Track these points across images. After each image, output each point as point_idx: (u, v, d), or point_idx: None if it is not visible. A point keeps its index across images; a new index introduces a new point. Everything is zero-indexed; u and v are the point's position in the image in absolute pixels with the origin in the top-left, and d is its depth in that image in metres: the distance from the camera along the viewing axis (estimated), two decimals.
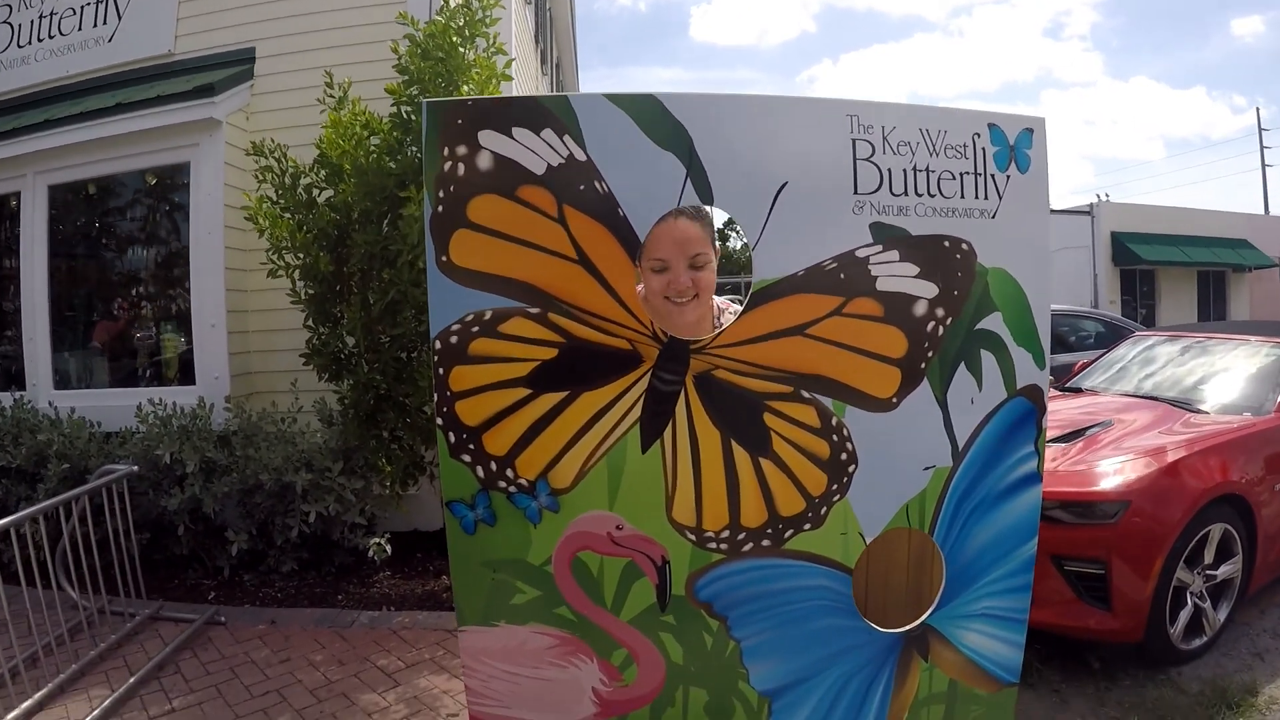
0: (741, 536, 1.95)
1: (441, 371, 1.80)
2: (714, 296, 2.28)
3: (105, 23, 5.72)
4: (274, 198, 4.09)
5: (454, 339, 1.79)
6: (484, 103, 1.84)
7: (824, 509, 1.99)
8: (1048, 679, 3.52)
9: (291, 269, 4.04)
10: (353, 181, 3.83)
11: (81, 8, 5.77)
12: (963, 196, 2.10)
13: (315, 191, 4.10)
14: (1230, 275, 21.76)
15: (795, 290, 1.92)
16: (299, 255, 3.98)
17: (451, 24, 3.95)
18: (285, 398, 4.75)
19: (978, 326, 2.11)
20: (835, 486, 1.99)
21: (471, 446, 1.83)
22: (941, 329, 2.05)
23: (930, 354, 2.05)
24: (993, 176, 2.13)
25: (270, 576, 4.50)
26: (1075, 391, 5.25)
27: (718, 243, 2.24)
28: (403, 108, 3.92)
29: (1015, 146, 2.17)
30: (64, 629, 3.58)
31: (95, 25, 5.74)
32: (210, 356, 4.90)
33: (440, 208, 1.78)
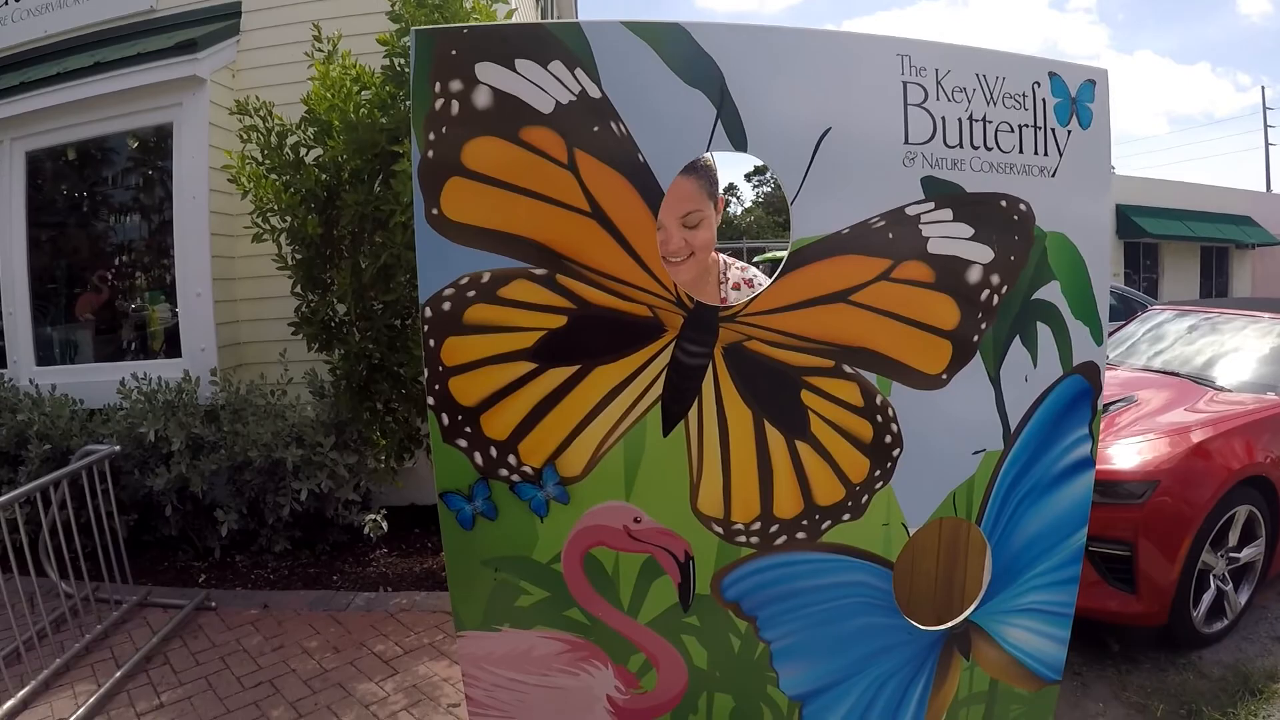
0: (774, 529, 1.69)
1: (432, 343, 1.51)
2: (722, 256, 2.07)
3: None
4: (259, 158, 3.76)
5: (447, 305, 1.50)
6: (482, 30, 1.54)
7: (865, 498, 1.73)
8: (1069, 662, 3.31)
9: (277, 232, 3.72)
10: (342, 138, 3.51)
11: None
12: (1021, 151, 1.82)
13: (303, 150, 3.77)
14: (1233, 252, 21.40)
15: (838, 250, 1.64)
16: (285, 218, 3.67)
17: None
18: (275, 369, 4.46)
19: (1034, 297, 1.85)
20: (878, 473, 1.73)
21: (468, 430, 1.55)
22: (997, 298, 1.79)
23: (984, 326, 1.78)
24: (1053, 131, 1.86)
25: (263, 557, 4.24)
26: None
27: (721, 196, 1.98)
28: (395, 59, 3.59)
29: (1077, 99, 1.89)
30: (45, 621, 3.32)
31: None
32: (196, 327, 4.59)
33: (430, 153, 1.49)
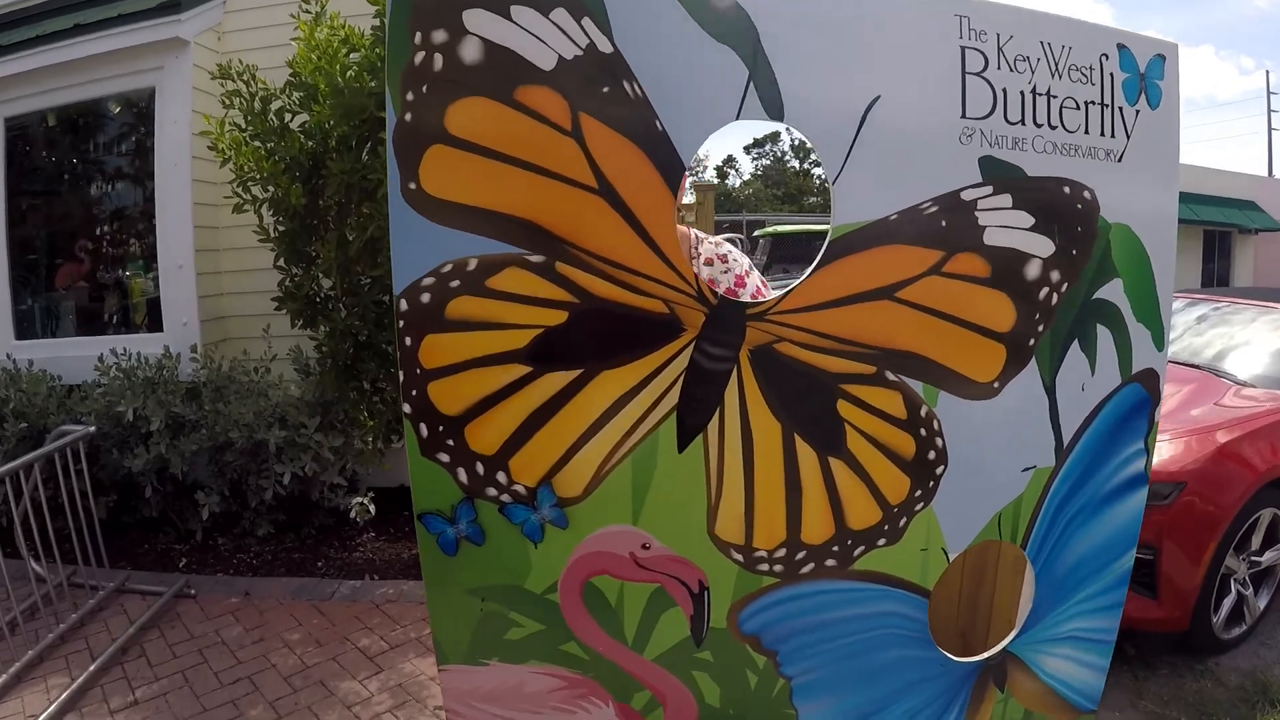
0: (801, 556, 1.45)
1: (409, 341, 1.26)
2: (693, 230, 1.85)
3: None
4: (242, 125, 3.45)
5: (425, 297, 1.24)
6: None
7: (903, 520, 1.49)
8: None
9: (259, 202, 3.43)
10: (328, 103, 3.21)
11: None
12: (1086, 132, 1.58)
13: (288, 116, 3.46)
14: (1236, 236, 21.03)
15: (885, 239, 1.39)
16: (267, 187, 3.37)
17: None
18: (259, 345, 4.18)
19: (1095, 296, 1.61)
20: (919, 493, 1.49)
21: (450, 442, 1.30)
22: (1056, 297, 1.54)
23: (1041, 328, 1.54)
24: (1120, 110, 1.61)
25: (245, 540, 4.00)
26: None
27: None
28: (385, 19, 3.27)
29: (1146, 76, 1.63)
30: (16, 611, 3.07)
31: None
32: (178, 301, 4.30)
33: (408, 116, 1.22)
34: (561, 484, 1.33)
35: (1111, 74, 1.59)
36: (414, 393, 1.27)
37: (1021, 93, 1.50)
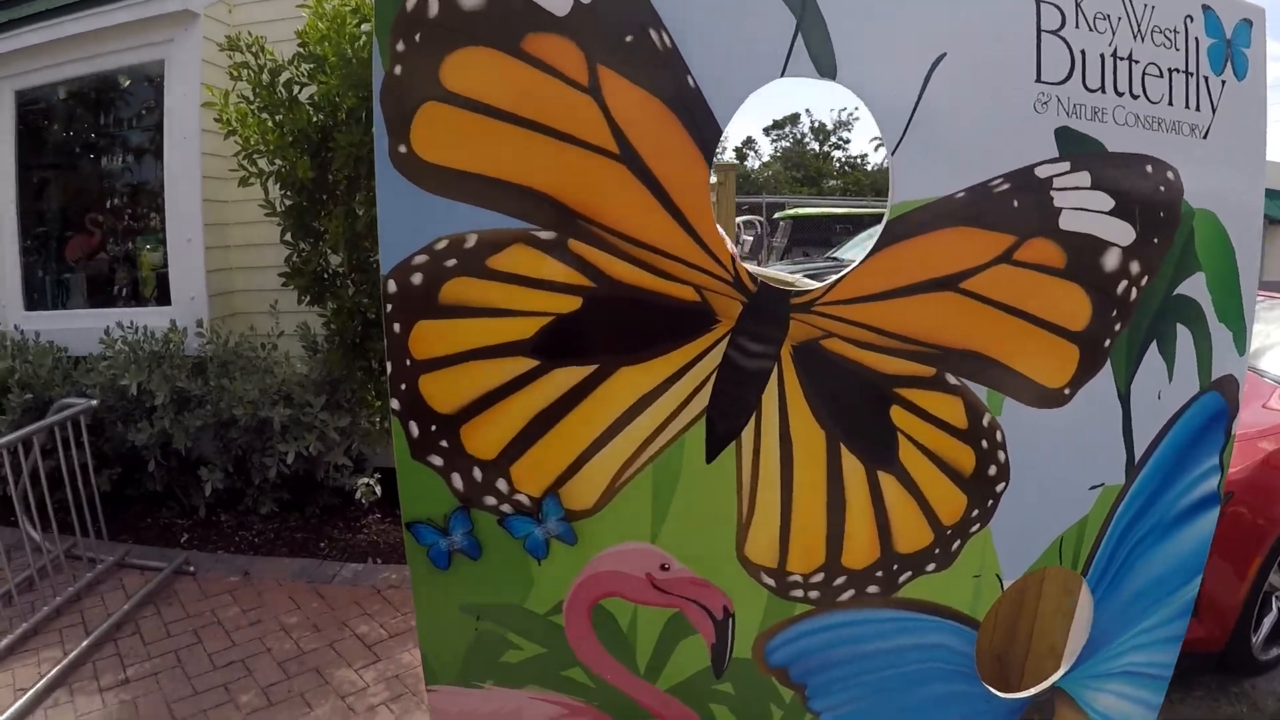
0: (840, 581, 1.27)
1: (398, 328, 1.07)
2: None
3: None
4: (250, 97, 3.27)
5: (417, 278, 1.06)
6: None
7: (957, 543, 1.30)
8: None
9: (265, 176, 3.26)
10: (337, 74, 3.02)
11: None
12: (1170, 103, 1.36)
13: (296, 88, 3.28)
14: (1268, 226, 20.48)
15: (948, 221, 1.18)
16: (274, 160, 3.20)
17: None
18: (267, 320, 4.03)
19: (1176, 291, 1.40)
20: (975, 513, 1.30)
21: (444, 444, 1.12)
22: (1135, 291, 1.34)
23: (1118, 327, 1.33)
24: (1205, 80, 1.39)
25: (248, 518, 3.87)
26: None
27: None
28: None
29: (1232, 42, 1.41)
30: (11, 585, 2.97)
31: None
32: (186, 274, 4.15)
33: (398, 69, 1.03)
34: (570, 495, 1.15)
35: (1196, 39, 1.38)
36: (403, 387, 1.09)
37: (1101, 56, 1.29)
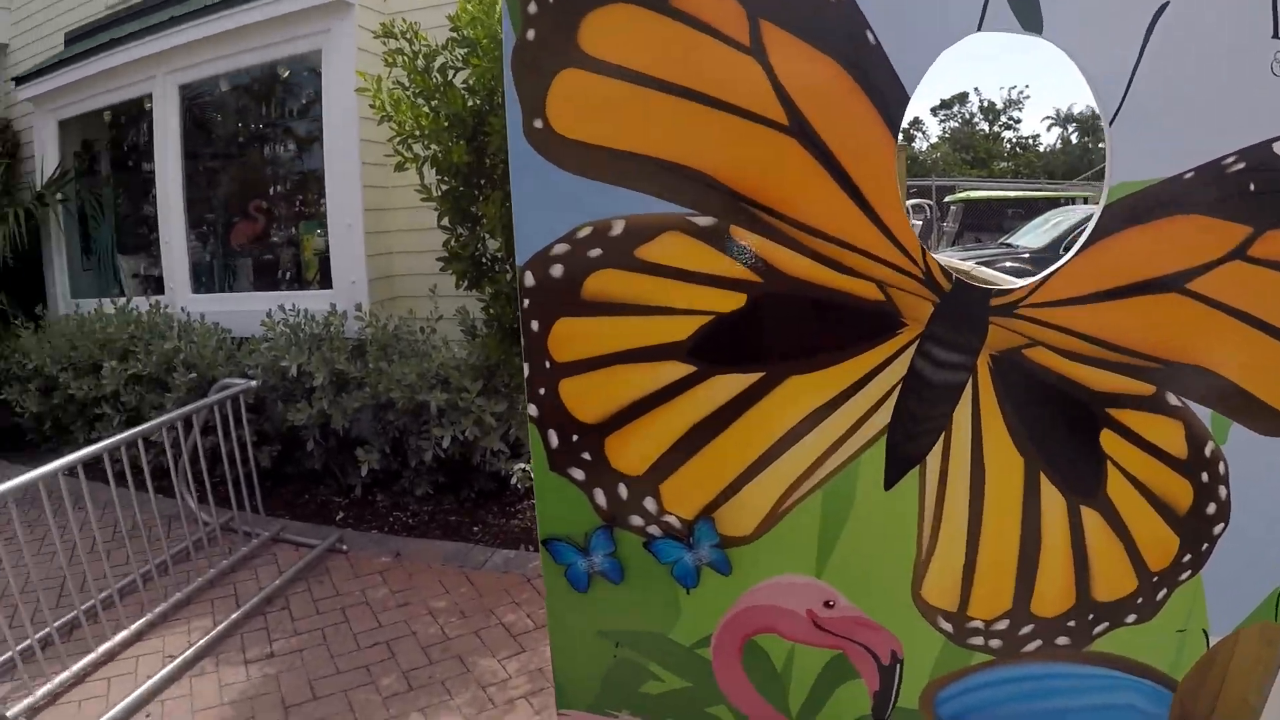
0: (1027, 630, 1.06)
1: (536, 326, 0.97)
2: None
3: None
4: (405, 83, 3.35)
5: (557, 270, 0.95)
6: None
7: (1163, 593, 1.06)
8: None
9: (420, 160, 3.33)
10: (490, 57, 3.03)
11: None
12: None
13: (450, 73, 3.32)
14: None
15: (1175, 207, 0.93)
16: (429, 144, 3.25)
17: None
18: (426, 305, 4.17)
19: None
20: (1188, 558, 1.05)
21: (586, 456, 1.01)
22: None
23: None
24: None
25: (403, 498, 4.03)
26: None
27: None
28: None
29: None
30: (167, 555, 3.21)
31: None
32: (347, 259, 4.38)
33: (531, 33, 0.91)
34: (727, 519, 1.01)
35: None
36: (542, 391, 0.99)
37: None
